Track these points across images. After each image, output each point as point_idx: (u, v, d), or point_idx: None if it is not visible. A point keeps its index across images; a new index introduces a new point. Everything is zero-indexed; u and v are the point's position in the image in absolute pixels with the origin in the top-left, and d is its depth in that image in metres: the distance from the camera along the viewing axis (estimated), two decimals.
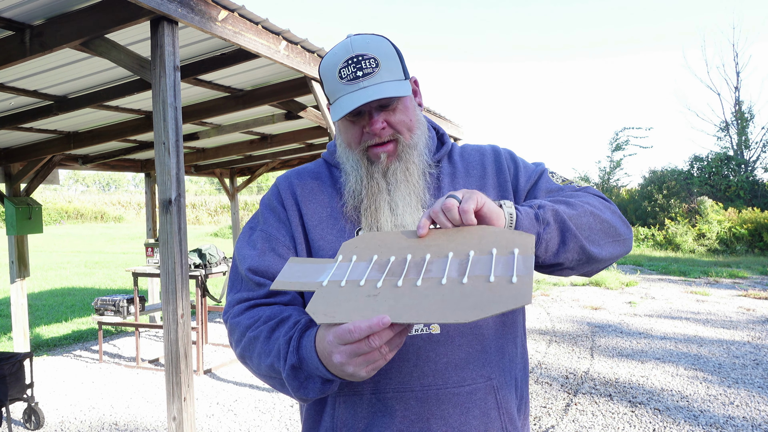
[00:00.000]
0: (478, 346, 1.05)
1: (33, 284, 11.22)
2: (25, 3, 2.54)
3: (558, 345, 5.94)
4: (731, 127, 22.01)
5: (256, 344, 0.99)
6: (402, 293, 0.82)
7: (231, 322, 1.07)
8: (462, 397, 1.02)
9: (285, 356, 0.93)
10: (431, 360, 1.02)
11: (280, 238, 1.11)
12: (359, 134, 1.08)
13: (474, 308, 0.76)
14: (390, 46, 1.08)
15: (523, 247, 0.83)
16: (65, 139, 5.26)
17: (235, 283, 1.12)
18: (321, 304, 0.84)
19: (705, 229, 16.59)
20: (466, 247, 0.86)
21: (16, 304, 5.48)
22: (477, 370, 1.04)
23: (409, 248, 0.90)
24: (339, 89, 1.04)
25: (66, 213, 33.91)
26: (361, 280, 0.87)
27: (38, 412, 3.97)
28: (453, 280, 0.81)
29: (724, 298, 8.63)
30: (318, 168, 1.21)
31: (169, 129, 2.50)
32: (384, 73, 1.04)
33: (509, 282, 0.78)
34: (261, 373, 1.00)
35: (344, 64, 1.04)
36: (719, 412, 4.01)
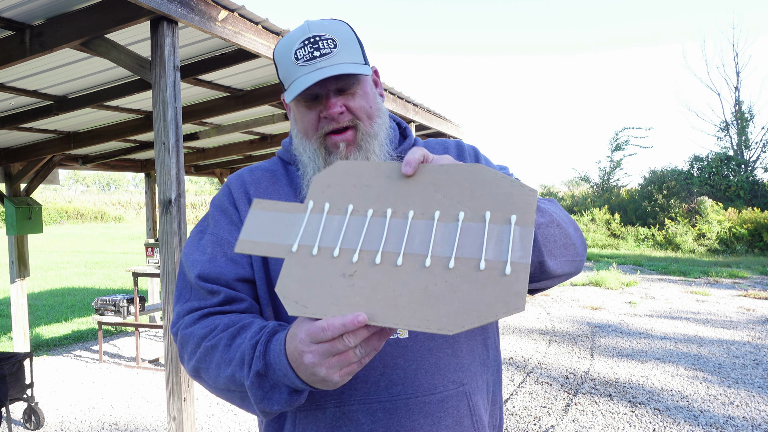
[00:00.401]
0: (449, 350, 0.98)
1: (33, 284, 11.22)
2: (25, 3, 2.54)
3: (558, 345, 5.94)
4: (731, 127, 22.01)
5: (213, 354, 0.89)
6: (380, 277, 0.73)
7: (182, 333, 0.96)
8: (433, 406, 0.95)
9: (249, 362, 0.83)
10: (399, 367, 0.95)
11: (232, 242, 1.01)
12: (316, 120, 1.00)
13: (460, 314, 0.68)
14: (350, 30, 1.02)
15: (521, 213, 0.72)
16: (65, 139, 5.26)
17: (183, 293, 1.02)
18: (291, 283, 0.75)
19: (705, 229, 16.60)
20: (456, 201, 0.75)
21: (16, 304, 5.48)
22: (449, 376, 0.97)
23: (390, 195, 0.79)
24: (294, 71, 0.97)
25: (66, 213, 33.91)
26: (335, 247, 0.76)
27: (38, 412, 3.97)
28: (438, 261, 0.72)
29: (724, 298, 8.63)
30: (273, 166, 1.12)
31: (169, 129, 2.50)
32: (343, 55, 0.97)
33: (501, 274, 0.69)
34: (218, 386, 0.90)
35: (300, 45, 0.97)
36: (719, 412, 4.02)
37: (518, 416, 4.00)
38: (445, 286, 0.70)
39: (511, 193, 0.74)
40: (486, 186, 0.76)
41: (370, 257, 0.75)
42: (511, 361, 5.38)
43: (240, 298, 0.98)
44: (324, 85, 0.97)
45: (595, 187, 23.65)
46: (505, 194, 0.74)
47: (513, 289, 0.68)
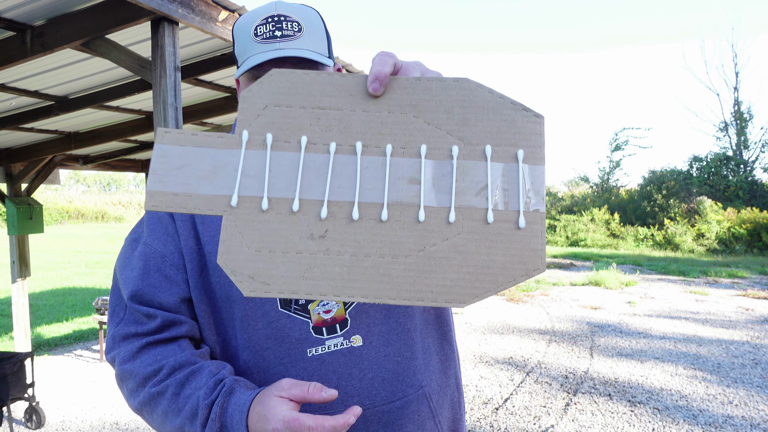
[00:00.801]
0: (407, 353, 0.92)
1: (34, 284, 11.23)
2: (26, 3, 2.55)
3: (557, 345, 5.95)
4: (730, 128, 22.02)
5: (159, 401, 0.83)
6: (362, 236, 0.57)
7: (122, 369, 0.88)
8: (393, 414, 0.90)
9: (204, 422, 0.77)
10: (355, 378, 0.88)
11: (167, 256, 0.91)
12: None
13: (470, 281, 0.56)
14: (319, 18, 0.95)
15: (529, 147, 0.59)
16: (66, 140, 5.27)
17: (117, 310, 0.93)
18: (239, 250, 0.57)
19: (704, 229, 16.61)
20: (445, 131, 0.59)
21: (17, 303, 5.49)
22: (407, 381, 0.92)
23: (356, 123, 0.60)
24: (251, 47, 0.89)
25: (67, 213, 33.92)
26: (293, 198, 0.58)
27: (39, 412, 3.98)
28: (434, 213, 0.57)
29: (723, 297, 8.64)
30: None
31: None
32: (306, 41, 0.89)
33: (514, 228, 0.57)
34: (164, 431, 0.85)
35: (262, 21, 0.89)
36: (718, 412, 4.03)
37: (518, 416, 4.02)
38: (447, 246, 0.57)
39: (513, 120, 0.59)
40: (481, 110, 0.60)
41: (344, 211, 0.58)
42: (510, 360, 5.39)
43: (178, 321, 0.90)
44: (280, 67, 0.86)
45: (594, 187, 23.66)
46: (507, 122, 0.59)
47: (530, 246, 0.57)
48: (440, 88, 0.60)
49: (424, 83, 0.61)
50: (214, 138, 0.60)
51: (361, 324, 0.90)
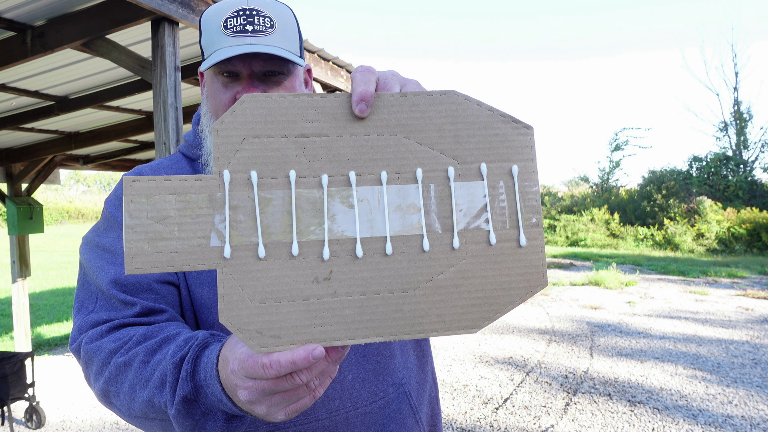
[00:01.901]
0: (386, 352, 0.91)
1: (34, 284, 11.24)
2: (27, 4, 2.55)
3: (557, 344, 5.95)
4: (730, 128, 22.04)
5: (126, 372, 0.72)
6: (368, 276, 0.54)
7: (86, 348, 0.77)
8: (375, 414, 0.88)
9: (174, 385, 0.66)
10: (335, 380, 0.86)
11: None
12: (230, 101, 0.87)
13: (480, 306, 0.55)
14: (292, 16, 0.92)
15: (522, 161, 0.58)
16: (66, 140, 5.27)
17: (86, 303, 0.83)
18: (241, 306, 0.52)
19: (704, 229, 16.62)
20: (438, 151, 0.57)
21: (17, 303, 5.49)
22: (387, 379, 0.91)
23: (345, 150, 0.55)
24: (219, 40, 0.85)
25: (67, 213, 33.93)
26: (290, 242, 0.53)
27: (40, 412, 3.98)
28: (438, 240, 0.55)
29: (722, 297, 8.64)
30: (175, 163, 0.96)
31: (170, 129, 2.51)
32: (278, 38, 0.86)
33: (516, 246, 0.56)
34: (132, 413, 0.72)
35: (233, 14, 0.85)
36: (718, 411, 4.03)
37: (518, 415, 4.02)
38: (454, 272, 0.55)
39: (504, 134, 0.58)
40: (472, 126, 0.58)
41: (346, 249, 0.54)
42: (510, 360, 5.39)
43: (159, 310, 0.81)
44: (249, 64, 0.86)
45: (594, 187, 23.67)
46: (499, 136, 0.58)
47: (532, 263, 0.57)
48: (428, 104, 0.57)
49: (410, 99, 0.57)
50: (192, 182, 0.53)
51: None
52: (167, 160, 0.97)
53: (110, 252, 0.84)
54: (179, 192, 0.53)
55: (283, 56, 0.84)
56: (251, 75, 0.87)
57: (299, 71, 0.92)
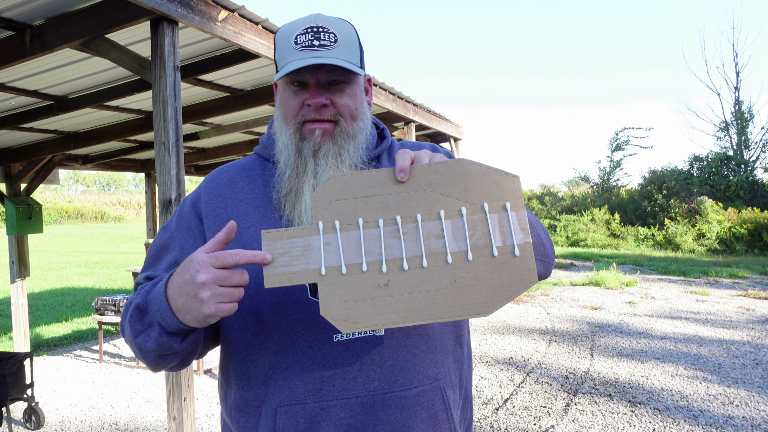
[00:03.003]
0: (423, 347, 1.01)
1: (33, 284, 11.23)
2: (26, 3, 2.54)
3: (558, 345, 5.94)
4: (731, 127, 22.01)
5: (128, 308, 0.94)
6: (412, 280, 0.81)
7: (122, 323, 0.99)
8: (409, 400, 0.98)
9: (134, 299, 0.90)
10: (376, 363, 0.97)
11: (186, 248, 1.02)
12: (299, 106, 1.00)
13: (489, 297, 0.80)
14: (354, 32, 1.04)
15: (512, 199, 0.83)
16: (65, 139, 5.26)
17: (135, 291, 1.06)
18: (333, 304, 0.81)
19: (705, 229, 16.60)
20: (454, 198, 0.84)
21: (16, 304, 5.48)
22: (423, 372, 1.00)
23: (393, 202, 0.84)
24: (290, 54, 0.98)
25: (66, 213, 33.91)
26: (361, 262, 0.82)
27: (38, 412, 3.97)
28: (457, 256, 0.81)
29: (723, 298, 8.63)
30: (250, 164, 1.11)
31: (169, 129, 2.50)
32: (341, 51, 0.98)
33: (512, 256, 0.81)
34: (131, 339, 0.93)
35: (302, 31, 0.98)
36: (719, 412, 4.02)
37: (518, 416, 4.01)
38: (470, 276, 0.81)
39: (499, 182, 0.84)
40: (475, 179, 0.84)
41: (397, 265, 0.82)
42: (511, 361, 5.38)
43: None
44: (315, 74, 0.98)
45: (595, 187, 23.64)
46: (494, 183, 0.84)
47: (525, 267, 0.81)
48: (446, 168, 0.85)
49: (434, 167, 0.85)
50: (300, 230, 0.85)
51: None
52: (244, 161, 1.13)
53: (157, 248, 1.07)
54: (294, 236, 0.84)
55: (345, 66, 0.96)
56: (317, 84, 0.99)
57: (360, 80, 1.05)
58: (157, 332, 0.87)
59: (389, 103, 5.19)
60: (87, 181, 62.18)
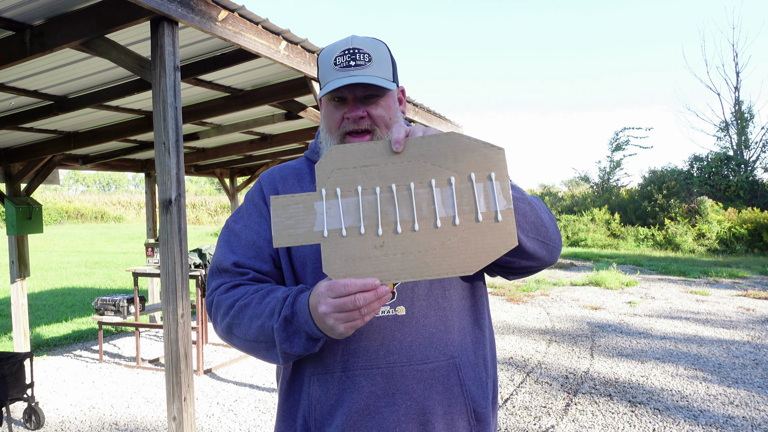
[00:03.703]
0: (441, 327, 1.13)
1: (33, 284, 11.22)
2: (26, 3, 2.54)
3: (558, 345, 5.94)
4: (731, 127, 22.01)
5: (246, 310, 1.06)
6: (405, 242, 0.89)
7: (216, 299, 1.13)
8: (425, 374, 1.10)
9: (279, 311, 1.01)
10: (396, 339, 1.10)
11: (262, 233, 1.17)
12: (340, 120, 1.14)
13: (473, 257, 0.88)
14: (387, 51, 1.16)
15: (497, 169, 0.90)
16: (65, 139, 5.26)
17: (215, 275, 1.18)
18: (335, 263, 0.90)
19: (705, 229, 16.59)
20: (443, 168, 0.91)
21: (16, 304, 5.48)
22: (440, 349, 1.12)
23: (389, 172, 0.92)
24: (331, 74, 1.12)
25: (66, 213, 33.91)
26: (359, 225, 0.91)
27: (38, 412, 3.97)
28: (446, 221, 0.89)
29: (723, 298, 8.63)
30: (300, 165, 1.27)
31: (169, 129, 2.50)
32: (375, 69, 1.11)
33: (495, 221, 0.89)
34: (248, 337, 1.06)
35: (341, 53, 1.11)
36: (719, 412, 4.02)
37: (518, 416, 4.01)
38: (457, 239, 0.89)
39: (485, 154, 0.91)
40: (464, 151, 0.91)
41: (391, 228, 0.90)
42: (511, 360, 5.38)
43: (266, 280, 1.15)
44: (353, 90, 1.11)
45: (595, 187, 23.64)
46: (482, 155, 0.91)
47: (506, 230, 0.89)
48: (437, 141, 0.92)
49: (426, 140, 0.92)
50: (305, 196, 0.93)
51: (406, 298, 1.12)
52: (295, 162, 1.28)
53: (236, 235, 1.19)
54: (299, 202, 0.93)
55: (375, 83, 1.09)
56: (355, 99, 1.12)
57: (393, 93, 1.17)
58: (305, 338, 0.99)
59: None
60: (87, 181, 62.17)
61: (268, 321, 1.02)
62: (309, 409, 1.13)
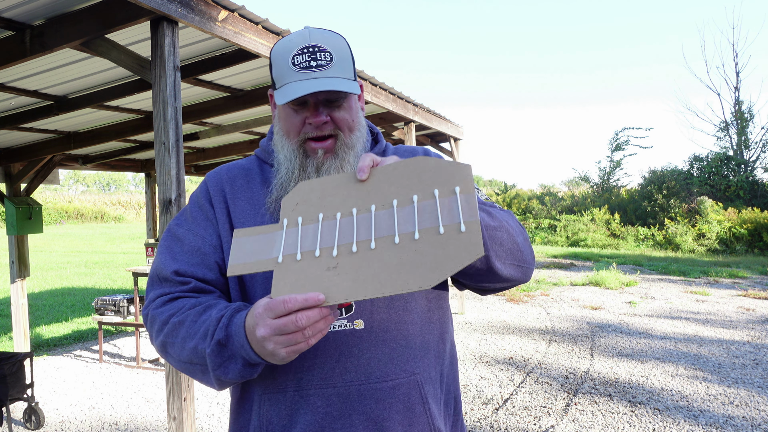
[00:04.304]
0: (402, 342, 1.04)
1: (33, 284, 11.23)
2: (26, 3, 2.54)
3: (558, 345, 5.94)
4: (731, 127, 22.01)
5: (180, 329, 0.98)
6: (360, 261, 0.83)
7: (152, 313, 1.04)
8: (384, 392, 1.01)
9: (212, 333, 0.92)
10: (354, 356, 1.01)
11: (207, 237, 1.09)
12: (300, 125, 1.06)
13: (433, 270, 0.79)
14: (346, 46, 1.09)
15: (463, 183, 0.85)
16: (65, 139, 5.26)
17: (155, 283, 1.10)
18: (285, 288, 0.84)
19: (705, 229, 16.60)
20: (407, 189, 0.87)
21: (16, 304, 5.48)
22: (400, 366, 1.03)
23: (352, 198, 0.89)
24: (289, 75, 1.03)
25: (66, 213, 33.90)
26: (315, 249, 0.86)
27: (38, 412, 3.97)
28: (405, 236, 0.83)
29: (723, 298, 8.63)
30: (249, 164, 1.19)
31: (169, 129, 2.50)
32: (337, 69, 1.04)
33: (458, 232, 0.81)
34: (182, 359, 0.98)
35: (299, 52, 1.02)
36: (719, 412, 4.02)
37: (518, 416, 4.01)
38: (415, 253, 0.81)
39: (451, 171, 0.87)
40: (430, 171, 0.88)
41: (347, 248, 0.85)
42: (511, 361, 5.38)
43: (208, 290, 1.06)
44: (314, 94, 1.02)
45: (595, 187, 23.64)
46: (448, 173, 0.87)
47: (471, 240, 0.81)
48: (404, 166, 0.89)
49: (392, 166, 0.90)
50: (267, 227, 0.92)
51: (364, 311, 1.03)
52: (244, 161, 1.20)
53: (179, 240, 1.10)
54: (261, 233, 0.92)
55: (342, 89, 1.01)
56: (317, 102, 1.04)
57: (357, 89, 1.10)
58: (241, 364, 0.91)
59: (389, 103, 5.20)
60: (87, 181, 62.17)
61: (201, 343, 0.93)
62: (259, 430, 1.04)
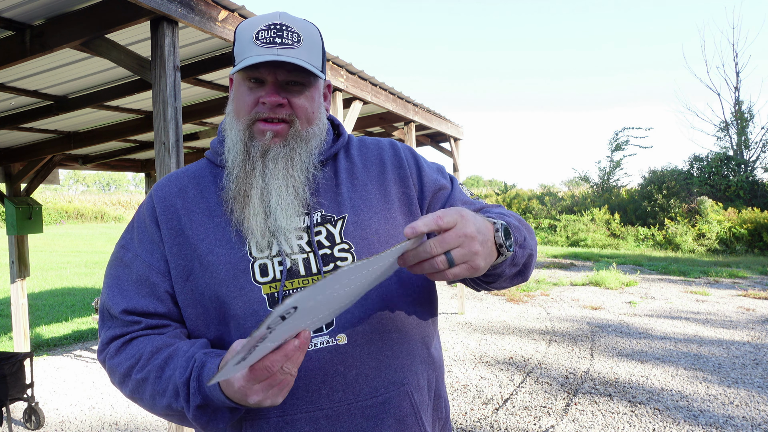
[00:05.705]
0: (388, 353, 0.98)
1: (33, 284, 11.22)
2: (26, 3, 2.54)
3: (558, 345, 5.94)
4: (731, 127, 22.00)
5: (145, 386, 0.91)
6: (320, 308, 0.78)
7: (109, 363, 0.97)
8: (375, 409, 0.95)
9: (186, 398, 0.87)
10: (340, 374, 0.94)
11: (154, 264, 0.99)
12: (253, 103, 0.96)
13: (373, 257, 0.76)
14: (319, 36, 1.00)
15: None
16: (65, 139, 5.26)
17: (105, 320, 1.01)
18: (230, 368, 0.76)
19: (705, 229, 16.59)
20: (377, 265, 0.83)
21: (16, 304, 5.48)
22: (389, 377, 0.97)
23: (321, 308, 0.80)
24: (250, 49, 0.94)
25: (66, 213, 33.91)
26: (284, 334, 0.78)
27: (38, 412, 3.97)
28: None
29: (723, 298, 8.63)
30: (200, 170, 1.07)
31: (169, 129, 2.50)
32: (303, 52, 0.95)
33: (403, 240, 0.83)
34: (156, 412, 0.94)
35: (264, 27, 0.94)
36: (719, 412, 4.02)
37: (518, 416, 4.01)
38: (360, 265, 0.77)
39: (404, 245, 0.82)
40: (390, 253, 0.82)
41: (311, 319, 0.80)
42: (511, 361, 5.38)
43: (161, 325, 0.99)
44: (274, 72, 0.94)
45: (595, 187, 23.63)
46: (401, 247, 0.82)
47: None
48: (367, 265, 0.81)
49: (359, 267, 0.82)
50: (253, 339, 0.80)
51: (346, 323, 0.96)
52: (194, 167, 1.08)
53: (126, 267, 1.01)
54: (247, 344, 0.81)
55: (306, 68, 0.93)
56: (275, 83, 0.95)
57: (320, 84, 1.02)
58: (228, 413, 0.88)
59: (389, 103, 5.20)
60: (87, 181, 62.19)
61: (174, 402, 0.88)
62: None
